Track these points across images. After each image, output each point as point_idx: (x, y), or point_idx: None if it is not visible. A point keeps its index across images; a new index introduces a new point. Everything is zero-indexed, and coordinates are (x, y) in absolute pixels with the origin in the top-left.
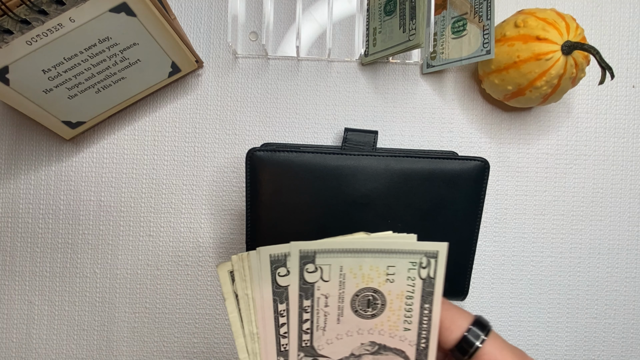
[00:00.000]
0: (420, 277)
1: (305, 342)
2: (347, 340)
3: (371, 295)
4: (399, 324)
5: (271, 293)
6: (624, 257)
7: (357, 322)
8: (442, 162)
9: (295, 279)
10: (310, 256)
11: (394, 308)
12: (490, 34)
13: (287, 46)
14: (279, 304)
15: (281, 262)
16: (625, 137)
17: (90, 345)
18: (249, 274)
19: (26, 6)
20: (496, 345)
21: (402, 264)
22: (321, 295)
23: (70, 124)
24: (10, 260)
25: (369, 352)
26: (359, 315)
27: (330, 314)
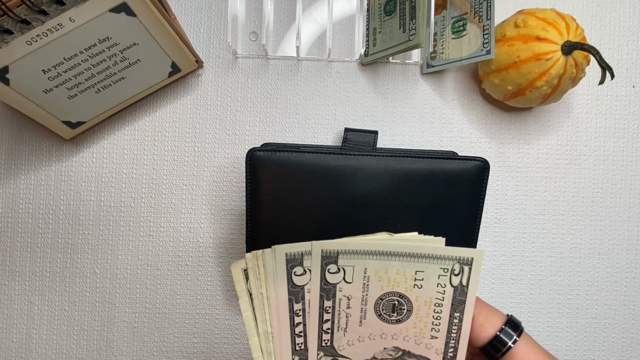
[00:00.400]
0: (451, 284)
1: (325, 342)
2: (369, 343)
3: (397, 300)
4: (425, 331)
5: (287, 292)
6: (624, 257)
7: (380, 326)
8: (442, 162)
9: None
10: (333, 256)
11: (421, 315)
12: (490, 34)
13: (287, 46)
14: (295, 304)
15: (297, 261)
16: (625, 137)
17: (90, 345)
18: (263, 273)
19: (26, 6)
20: (528, 345)
21: (431, 270)
22: (343, 296)
23: (70, 124)
24: (10, 260)
25: (392, 357)
26: (382, 320)
27: (353, 316)
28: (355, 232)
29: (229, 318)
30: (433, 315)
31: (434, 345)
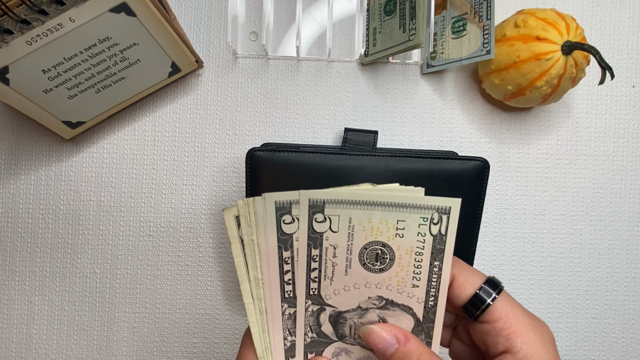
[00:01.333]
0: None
1: (313, 290)
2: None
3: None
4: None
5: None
6: (624, 257)
7: (364, 275)
8: (442, 162)
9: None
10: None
11: (403, 264)
12: (490, 34)
13: (287, 46)
14: (284, 251)
15: (286, 210)
16: (625, 137)
17: (90, 345)
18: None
19: (26, 6)
20: (507, 302)
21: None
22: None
23: (70, 124)
24: (10, 260)
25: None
26: (366, 269)
27: (338, 265)
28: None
29: (229, 318)
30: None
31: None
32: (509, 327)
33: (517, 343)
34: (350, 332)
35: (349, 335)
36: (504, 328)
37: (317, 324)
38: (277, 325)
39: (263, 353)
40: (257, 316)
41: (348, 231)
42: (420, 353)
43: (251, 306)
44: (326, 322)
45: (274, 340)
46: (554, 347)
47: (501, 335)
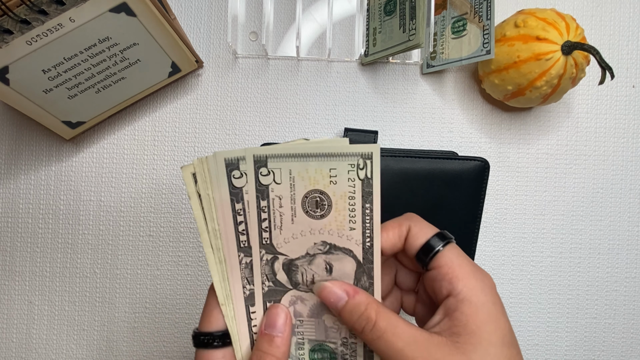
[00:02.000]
0: (359, 177)
1: (265, 240)
2: (301, 240)
3: (318, 196)
4: (345, 223)
5: (228, 193)
6: (624, 257)
7: (308, 223)
8: (442, 162)
9: (252, 181)
10: (263, 160)
11: (339, 208)
12: (490, 34)
13: (287, 46)
14: (236, 203)
15: (235, 165)
16: (625, 137)
17: (90, 345)
18: (208, 176)
19: (26, 6)
20: (454, 252)
21: (342, 166)
22: (275, 196)
23: (70, 124)
24: (10, 260)
25: (322, 252)
26: (309, 216)
27: (285, 214)
28: None
29: None
30: (349, 208)
31: (353, 237)
32: (452, 272)
33: (458, 286)
34: (303, 280)
35: (302, 283)
36: (447, 273)
37: (273, 273)
38: (235, 274)
39: (224, 300)
40: (217, 265)
41: (290, 182)
42: (368, 303)
43: (211, 256)
44: (280, 271)
45: (234, 289)
46: (494, 292)
47: (445, 280)
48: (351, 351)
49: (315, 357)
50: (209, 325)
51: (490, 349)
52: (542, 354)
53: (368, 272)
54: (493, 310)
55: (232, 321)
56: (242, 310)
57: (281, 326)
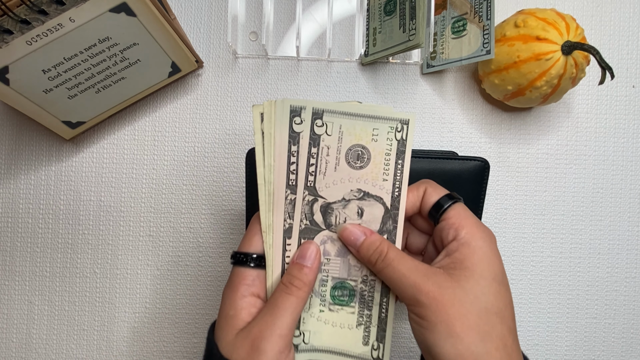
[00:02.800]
0: (395, 138)
1: (310, 183)
2: (340, 187)
3: (360, 150)
4: (379, 175)
5: (287, 135)
6: (624, 257)
7: (348, 172)
8: (442, 162)
9: (307, 128)
10: (320, 113)
11: (377, 162)
12: (490, 34)
13: (287, 46)
14: (292, 145)
15: (297, 113)
16: (625, 137)
17: (90, 345)
18: (274, 117)
19: (26, 6)
20: (461, 208)
21: (383, 128)
22: (324, 145)
23: (70, 124)
24: (10, 260)
25: (356, 198)
26: (350, 166)
27: (330, 162)
28: None
29: None
30: (384, 163)
31: (385, 187)
32: (458, 222)
33: (461, 232)
34: (336, 222)
35: (334, 225)
36: (454, 223)
37: (311, 213)
38: (279, 208)
39: (267, 229)
40: (265, 197)
41: (338, 135)
42: (381, 241)
43: (262, 187)
44: (317, 212)
45: (276, 220)
46: (492, 241)
47: (452, 228)
48: (370, 287)
49: (335, 294)
50: (248, 247)
51: (481, 280)
52: (542, 354)
53: (393, 217)
54: (489, 252)
55: (270, 248)
56: (279, 240)
57: (312, 258)
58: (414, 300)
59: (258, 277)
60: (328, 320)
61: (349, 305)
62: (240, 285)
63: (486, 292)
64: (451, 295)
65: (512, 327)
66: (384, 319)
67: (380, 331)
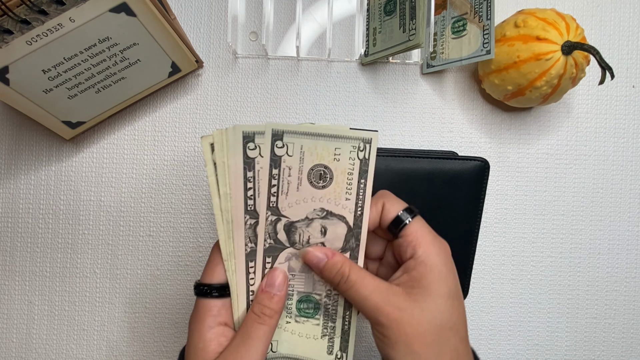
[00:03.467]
0: (358, 157)
1: (272, 203)
2: (303, 206)
3: (322, 170)
4: (342, 194)
5: (242, 162)
6: (624, 257)
7: (311, 191)
8: (442, 162)
9: (268, 151)
10: (280, 135)
11: (339, 182)
12: (490, 34)
13: (287, 46)
14: (248, 171)
15: (251, 138)
16: (625, 137)
17: (90, 345)
18: (226, 145)
19: (26, 6)
20: (419, 223)
21: (345, 147)
22: (286, 167)
23: (70, 124)
24: (10, 260)
25: (319, 217)
26: (313, 186)
27: (292, 183)
28: None
29: None
30: (347, 182)
31: (347, 206)
32: (415, 239)
33: (419, 251)
34: (300, 240)
35: (298, 242)
36: (412, 240)
37: (274, 232)
38: (239, 234)
39: (227, 257)
40: (224, 225)
41: (300, 156)
42: (343, 262)
43: (219, 217)
44: (281, 231)
45: (237, 246)
46: (447, 256)
47: (410, 246)
48: (333, 302)
49: (301, 307)
50: (211, 277)
51: (437, 299)
52: (542, 354)
53: (356, 235)
54: (444, 270)
55: (233, 274)
56: (242, 265)
57: (280, 285)
58: (375, 320)
59: (224, 306)
60: (295, 330)
61: (314, 317)
62: (207, 316)
63: (442, 310)
64: (410, 316)
65: (464, 335)
66: (346, 331)
67: (343, 342)
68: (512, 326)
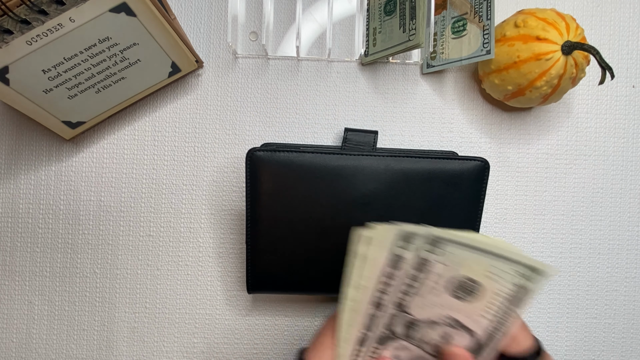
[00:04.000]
0: (519, 284)
1: (402, 299)
2: (433, 309)
3: (470, 283)
4: (481, 311)
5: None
6: (624, 257)
7: (447, 300)
8: (442, 162)
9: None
10: (436, 241)
11: (483, 300)
12: (490, 34)
13: (287, 46)
14: (388, 268)
15: (403, 237)
16: (625, 137)
17: (90, 345)
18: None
19: (26, 6)
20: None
21: (505, 268)
22: (432, 272)
23: (70, 124)
24: (10, 260)
25: (446, 324)
26: (451, 295)
27: (429, 286)
28: None
29: (229, 318)
30: (493, 303)
31: (483, 323)
32: None
33: None
34: (417, 337)
35: (414, 338)
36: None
37: (394, 324)
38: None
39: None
40: (349, 313)
41: (449, 264)
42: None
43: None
44: (401, 325)
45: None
46: None
47: None
48: None
49: None
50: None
51: None
52: None
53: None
54: None
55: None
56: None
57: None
58: None
59: None
60: None
61: None
62: None
63: None
64: None
65: None
66: None
67: None
68: None
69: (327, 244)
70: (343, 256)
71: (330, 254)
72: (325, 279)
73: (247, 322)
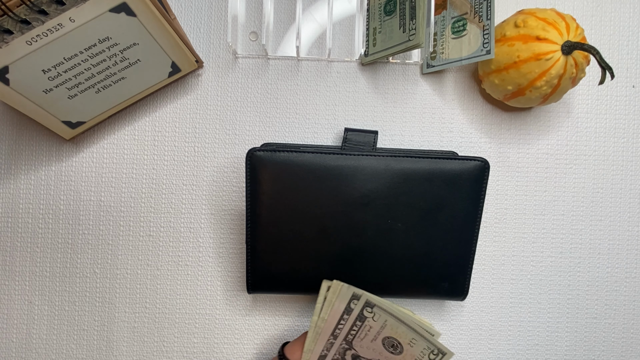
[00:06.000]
0: (429, 357)
1: (349, 339)
2: (372, 351)
3: (397, 343)
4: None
5: (344, 307)
6: (624, 257)
7: (381, 350)
8: (442, 162)
9: (358, 310)
10: (372, 304)
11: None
12: (490, 34)
13: (287, 46)
14: (344, 314)
15: (356, 297)
16: (625, 137)
17: (90, 345)
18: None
19: (26, 6)
20: None
21: (422, 343)
22: (367, 325)
23: (70, 124)
24: (10, 260)
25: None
26: (384, 348)
27: (368, 336)
28: (355, 232)
29: (229, 318)
30: None
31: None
32: None
33: None
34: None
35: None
36: None
37: (343, 354)
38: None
39: (307, 350)
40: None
41: (382, 324)
42: None
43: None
44: (349, 356)
45: (316, 348)
46: None
47: None
48: None
49: None
50: (292, 354)
51: None
52: (542, 354)
53: None
54: None
55: None
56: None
57: None
58: None
59: None
60: None
61: None
62: None
63: None
64: None
65: None
66: None
67: None
68: (512, 326)
69: (327, 244)
70: (343, 256)
71: (330, 254)
72: (325, 279)
73: (247, 322)
